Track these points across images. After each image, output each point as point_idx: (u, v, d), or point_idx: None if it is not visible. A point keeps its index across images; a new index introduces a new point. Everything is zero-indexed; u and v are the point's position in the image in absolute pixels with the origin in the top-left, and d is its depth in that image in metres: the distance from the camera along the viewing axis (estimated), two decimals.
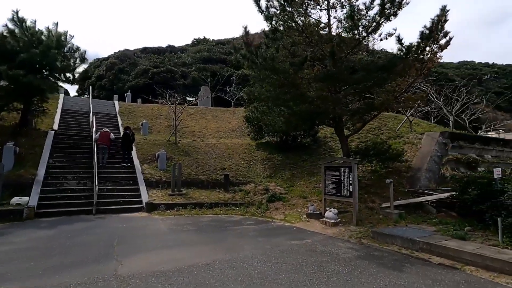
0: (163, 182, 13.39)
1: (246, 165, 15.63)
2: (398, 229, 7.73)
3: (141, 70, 39.88)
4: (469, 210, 7.97)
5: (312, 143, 16.85)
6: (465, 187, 8.10)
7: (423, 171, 11.44)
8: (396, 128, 16.11)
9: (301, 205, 11.39)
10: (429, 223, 8.44)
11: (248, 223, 9.68)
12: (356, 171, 8.99)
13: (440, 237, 6.83)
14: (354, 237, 7.76)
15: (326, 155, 15.08)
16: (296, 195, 12.22)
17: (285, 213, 10.88)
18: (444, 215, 9.09)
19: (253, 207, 11.85)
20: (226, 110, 27.04)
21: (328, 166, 10.10)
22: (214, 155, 16.58)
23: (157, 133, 19.88)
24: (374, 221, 8.98)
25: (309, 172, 14.02)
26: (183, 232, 8.17)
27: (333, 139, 16.63)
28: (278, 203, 11.88)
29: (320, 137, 17.19)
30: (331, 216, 9.17)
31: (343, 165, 9.48)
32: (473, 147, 13.93)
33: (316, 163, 14.63)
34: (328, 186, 9.98)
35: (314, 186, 12.68)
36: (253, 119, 15.91)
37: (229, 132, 21.54)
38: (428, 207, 9.53)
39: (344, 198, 9.35)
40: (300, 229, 8.82)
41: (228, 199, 12.57)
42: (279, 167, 15.20)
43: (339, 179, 9.54)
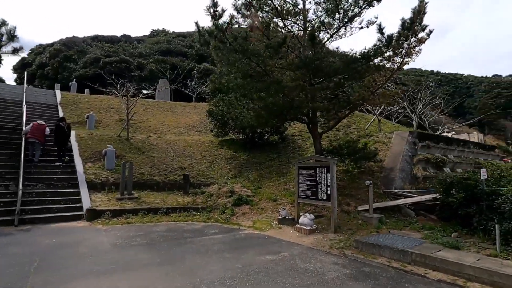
0: (110, 184, 11.43)
1: (209, 164, 14.15)
2: (383, 237, 6.90)
3: (91, 58, 36.11)
4: (453, 213, 7.41)
5: (279, 141, 15.86)
6: (449, 189, 7.54)
7: (397, 171, 10.94)
8: (365, 127, 15.73)
9: (271, 209, 10.26)
10: (412, 228, 7.77)
11: (212, 232, 8.29)
12: (334, 172, 8.05)
13: (432, 246, 6.09)
14: (335, 247, 6.77)
15: (295, 154, 14.16)
16: (265, 197, 11.07)
17: (254, 219, 9.66)
18: (424, 219, 8.53)
19: (217, 212, 10.46)
20: (187, 105, 25.16)
21: (303, 166, 9.08)
22: (172, 153, 14.83)
23: (106, 127, 17.52)
24: (353, 227, 8.11)
25: (278, 172, 12.96)
26: (130, 249, 6.55)
27: (302, 137, 15.80)
28: (245, 207, 10.62)
29: (288, 135, 16.28)
30: (306, 223, 8.13)
31: (319, 165, 8.51)
32: (439, 147, 13.92)
33: (285, 162, 13.64)
34: (302, 189, 8.96)
35: (284, 187, 11.64)
36: (217, 113, 14.45)
37: (189, 128, 19.80)
38: (406, 210, 8.93)
39: (320, 202, 8.37)
40: (273, 239, 7.65)
41: (188, 203, 11.04)
42: (245, 166, 13.95)
43: (315, 181, 8.55)
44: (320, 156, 9.16)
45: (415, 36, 9.24)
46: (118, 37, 50.93)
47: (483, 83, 75.37)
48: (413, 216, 8.75)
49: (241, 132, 15.34)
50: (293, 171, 12.46)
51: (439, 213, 8.00)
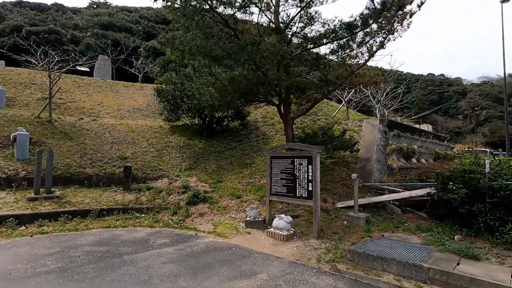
0: (20, 180, 8.64)
1: (157, 153, 11.81)
2: (378, 244, 5.58)
3: (10, 26, 30.05)
4: (451, 211, 6.40)
5: (241, 127, 14.04)
6: (446, 183, 6.49)
7: (374, 162, 9.88)
8: (332, 114, 14.64)
9: (235, 207, 8.48)
10: (405, 229, 6.62)
11: (161, 243, 6.28)
12: (318, 164, 6.52)
13: (444, 257, 4.89)
14: (325, 260, 5.27)
15: (259, 142, 12.49)
16: (227, 193, 9.23)
17: (215, 221, 7.80)
18: (412, 216, 7.50)
19: (168, 212, 8.40)
20: (132, 86, 21.92)
21: (276, 156, 7.41)
22: (111, 139, 12.15)
23: (23, 107, 13.96)
24: (338, 229, 6.72)
25: (241, 163, 11.18)
26: (31, 280, 4.29)
27: (266, 123, 14.18)
28: (203, 205, 8.69)
29: (250, 121, 14.52)
30: (282, 226, 6.52)
31: (299, 155, 6.91)
32: (407, 137, 13.37)
33: (249, 151, 11.90)
34: (276, 184, 7.32)
35: (248, 181, 9.91)
36: (168, 92, 12.03)
37: (134, 112, 16.94)
38: (392, 207, 7.85)
39: (299, 200, 6.81)
40: (242, 250, 5.90)
41: (130, 202, 8.76)
42: (202, 156, 11.91)
43: (293, 174, 6.95)
44: (300, 145, 7.57)
45: (403, 9, 8.04)
46: (48, 5, 43.76)
47: (420, 80, 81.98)
48: (399, 214, 7.69)
49: (197, 116, 13.17)
50: (258, 161, 10.80)
51: (432, 210, 6.99)
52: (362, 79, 9.10)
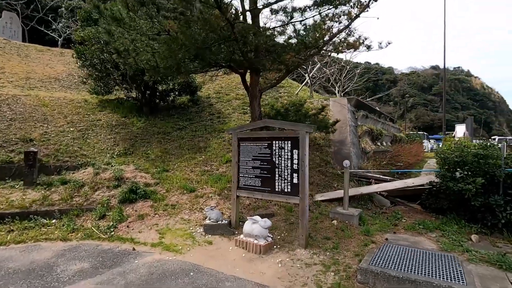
0: None
1: (80, 134, 8.99)
2: (390, 254, 4.17)
3: None
4: (458, 204, 5.31)
5: (190, 104, 11.70)
6: (453, 171, 5.35)
7: (349, 145, 8.62)
8: (295, 92, 13.12)
9: (189, 205, 6.44)
10: (407, 228, 5.37)
11: (74, 270, 4.07)
12: (307, 148, 4.81)
13: (489, 273, 3.65)
14: (327, 286, 3.67)
15: (214, 122, 10.38)
16: (176, 186, 7.11)
17: (161, 227, 5.70)
18: (405, 209, 6.36)
19: (92, 216, 6.04)
20: (48, 50, 17.62)
21: (246, 137, 5.51)
22: (10, 115, 8.92)
23: None
24: (329, 232, 5.19)
25: (193, 146, 9.02)
26: None
27: (220, 100, 12.06)
28: (143, 204, 6.46)
29: (202, 97, 12.23)
30: (258, 233, 4.76)
31: (279, 135, 5.11)
32: (372, 118, 12.55)
33: (202, 132, 9.76)
34: (246, 174, 5.47)
35: (203, 169, 7.88)
36: (93, 53, 9.03)
37: (49, 82, 13.29)
38: (380, 198, 6.64)
39: (280, 196, 5.07)
40: (205, 274, 4.01)
41: (33, 203, 6.16)
42: (141, 138, 9.42)
43: (271, 162, 5.17)
44: (282, 122, 5.73)
45: None
46: None
47: (358, 68, 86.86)
48: (389, 206, 6.50)
49: (135, 87, 10.45)
50: (214, 144, 8.79)
51: (432, 202, 5.87)
52: (343, 45, 7.55)
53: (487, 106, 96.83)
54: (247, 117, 10.58)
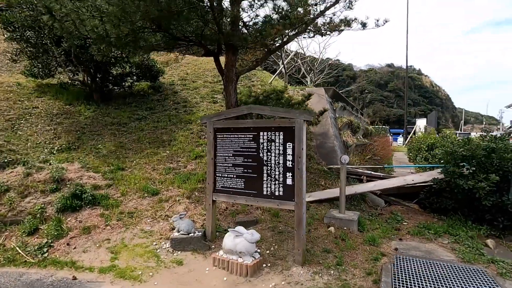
0: None
1: (7, 125, 7.20)
2: (407, 271, 3.39)
3: None
4: (465, 204, 4.72)
5: (151, 91, 10.19)
6: (460, 166, 4.75)
7: (333, 138, 7.87)
8: (268, 81, 12.14)
9: (151, 212, 5.19)
10: (413, 233, 4.65)
11: None
12: (304, 140, 3.84)
13: None
14: None
15: (179, 112, 9.05)
16: (135, 188, 5.79)
17: (114, 244, 4.41)
18: (402, 209, 5.70)
19: (19, 230, 4.59)
20: None
21: (225, 127, 4.40)
22: None
23: None
24: (327, 243, 4.29)
25: (154, 140, 7.66)
26: None
27: (186, 87, 10.69)
28: (91, 212, 5.09)
29: (164, 84, 10.74)
30: (243, 249, 3.73)
31: (268, 124, 4.07)
32: (349, 110, 12.04)
33: (165, 123, 8.42)
34: (225, 173, 4.38)
35: (168, 166, 6.61)
36: (24, 21, 7.13)
37: None
38: (373, 198, 5.92)
39: (270, 200, 4.05)
40: None
41: None
42: (90, 130, 7.84)
43: (257, 158, 4.13)
44: (273, 108, 4.67)
45: None
46: None
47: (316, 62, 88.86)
48: (384, 206, 5.80)
49: (82, 69, 8.73)
50: (181, 137, 7.56)
51: (434, 201, 5.24)
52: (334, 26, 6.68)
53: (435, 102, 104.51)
54: (218, 107, 9.41)
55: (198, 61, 13.44)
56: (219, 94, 10.23)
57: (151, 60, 9.85)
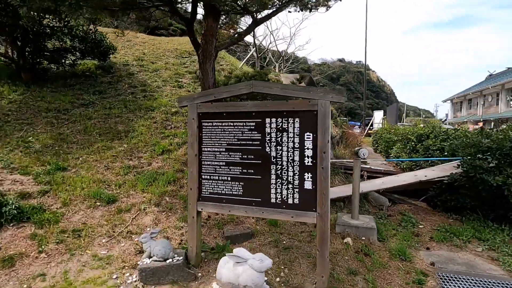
0: None
1: None
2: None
3: None
4: (486, 202, 4.17)
5: (100, 71, 8.39)
6: (483, 160, 4.16)
7: None
8: (238, 65, 10.94)
9: (106, 229, 3.82)
10: (439, 240, 3.95)
11: None
12: (330, 129, 2.85)
13: None
14: None
15: (138, 96, 7.49)
16: (83, 195, 4.32)
17: (52, 283, 3.01)
18: (409, 208, 5.03)
19: None
20: None
21: (214, 112, 3.21)
22: None
23: None
24: (348, 260, 3.38)
25: (107, 130, 6.11)
26: None
27: (144, 68, 9.07)
28: (14, 233, 3.57)
29: (116, 64, 8.97)
30: (251, 282, 2.66)
31: (278, 108, 2.98)
32: None
33: (120, 110, 6.85)
34: (216, 175, 3.22)
35: (127, 164, 5.19)
36: None
37: None
38: (376, 196, 5.18)
39: (281, 211, 3.00)
40: None
41: None
42: (17, 118, 6.02)
43: (262, 153, 3.04)
44: (284, 85, 3.54)
45: None
46: None
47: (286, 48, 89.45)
48: (389, 205, 5.09)
49: (5, 40, 6.73)
50: (141, 128, 6.18)
51: (449, 199, 4.63)
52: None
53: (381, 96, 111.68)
54: (184, 92, 8.04)
55: (156, 41, 11.74)
56: (184, 78, 8.82)
57: (100, 34, 8.07)
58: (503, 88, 31.67)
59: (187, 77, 8.94)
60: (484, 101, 36.92)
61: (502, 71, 41.13)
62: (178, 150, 5.75)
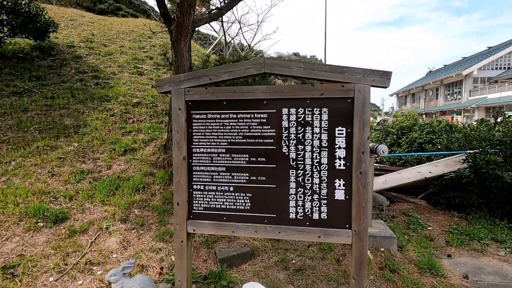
0: None
1: None
2: None
3: None
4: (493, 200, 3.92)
5: (37, 53, 6.85)
6: (495, 154, 3.90)
7: None
8: (206, 52, 9.92)
9: (54, 261, 2.79)
10: (454, 243, 3.57)
11: None
12: (368, 120, 2.20)
13: None
14: None
15: (89, 84, 6.19)
16: (18, 214, 3.19)
17: None
18: (410, 207, 4.65)
19: None
20: None
21: (210, 100, 2.38)
22: None
23: None
24: (374, 280, 2.80)
25: (50, 125, 4.86)
26: None
27: (94, 51, 7.67)
28: None
29: (59, 45, 7.44)
30: None
31: (300, 95, 2.25)
32: None
33: (66, 100, 5.57)
34: (212, 185, 2.41)
35: (81, 168, 4.08)
36: None
37: None
38: (374, 195, 4.70)
39: (304, 229, 2.29)
40: None
41: None
42: None
43: (277, 154, 2.30)
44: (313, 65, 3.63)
45: None
46: None
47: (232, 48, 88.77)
48: (388, 204, 4.68)
49: None
50: (95, 122, 5.09)
51: (453, 196, 4.31)
52: None
53: None
54: (146, 80, 6.92)
55: (107, 21, 10.20)
56: (145, 64, 7.65)
57: (35, 6, 6.54)
58: (441, 83, 34.46)
59: (148, 63, 7.77)
60: (425, 95, 39.98)
61: (440, 68, 44.86)
62: (145, 148, 4.75)
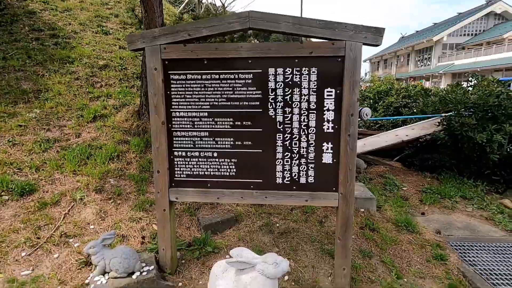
0: None
1: None
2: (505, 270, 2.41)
3: None
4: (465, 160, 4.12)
5: None
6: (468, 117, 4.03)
7: None
8: (176, 12, 9.18)
9: (25, 235, 2.60)
10: (427, 202, 3.76)
11: None
12: (359, 80, 2.11)
13: None
14: None
15: (47, 43, 5.54)
16: None
17: None
18: (386, 170, 4.80)
19: None
20: None
21: (190, 58, 2.17)
22: None
23: None
24: (355, 239, 2.90)
25: (5, 90, 4.35)
26: None
27: (50, 6, 6.81)
28: None
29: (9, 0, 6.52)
30: None
31: (288, 54, 2.10)
32: None
33: (22, 62, 4.98)
34: (194, 151, 2.29)
35: (46, 136, 3.75)
36: None
37: None
38: None
39: (291, 193, 2.27)
40: None
41: None
42: None
43: (263, 117, 2.20)
44: (302, 20, 2.43)
45: None
46: None
47: None
48: (365, 167, 4.80)
49: None
50: (57, 86, 4.70)
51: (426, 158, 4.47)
52: None
53: None
54: (112, 40, 6.34)
55: None
56: (110, 22, 6.98)
57: None
58: (413, 49, 34.96)
59: (113, 21, 7.08)
60: (397, 61, 40.61)
61: (412, 33, 45.21)
62: (117, 115, 4.44)
